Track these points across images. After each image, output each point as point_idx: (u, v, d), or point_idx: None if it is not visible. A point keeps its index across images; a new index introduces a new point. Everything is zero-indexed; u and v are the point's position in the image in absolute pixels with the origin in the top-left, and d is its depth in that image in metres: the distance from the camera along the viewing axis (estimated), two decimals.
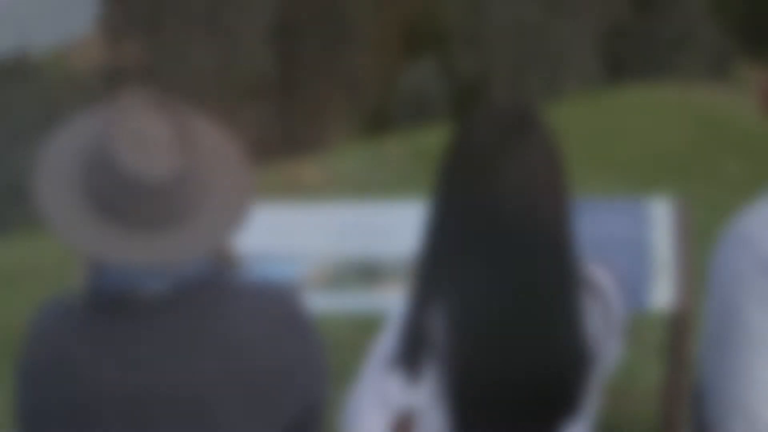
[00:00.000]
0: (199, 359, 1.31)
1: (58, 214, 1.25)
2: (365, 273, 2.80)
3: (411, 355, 1.44)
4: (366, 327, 5.04)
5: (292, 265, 2.81)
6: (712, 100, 15.05)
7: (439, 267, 1.45)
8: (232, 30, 34.71)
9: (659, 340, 4.51)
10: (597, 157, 9.71)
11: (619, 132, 11.59)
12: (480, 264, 1.38)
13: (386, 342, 1.53)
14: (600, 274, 1.56)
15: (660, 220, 2.85)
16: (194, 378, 1.31)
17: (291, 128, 34.77)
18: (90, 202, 1.24)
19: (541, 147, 1.37)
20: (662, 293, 2.83)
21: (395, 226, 2.79)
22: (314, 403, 1.48)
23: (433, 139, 13.37)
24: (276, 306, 1.41)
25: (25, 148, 31.86)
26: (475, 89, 39.90)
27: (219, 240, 1.28)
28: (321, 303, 2.82)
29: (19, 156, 31.58)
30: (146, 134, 1.20)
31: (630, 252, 2.83)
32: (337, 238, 2.82)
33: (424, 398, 1.48)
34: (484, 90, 40.02)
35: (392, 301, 2.76)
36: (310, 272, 2.81)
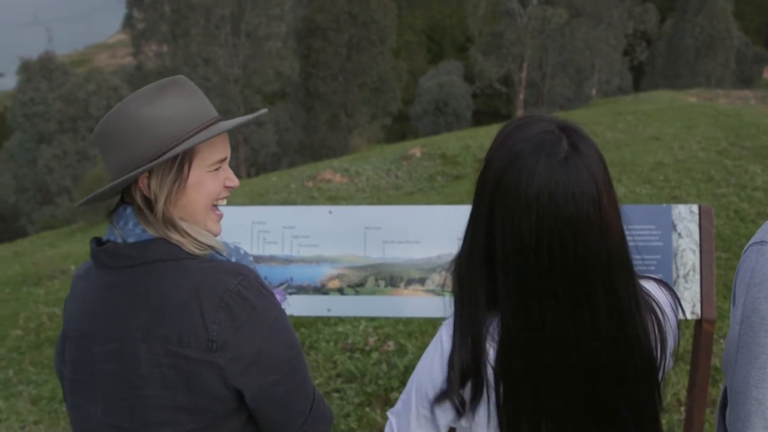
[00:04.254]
0: (128, 314, 1.43)
1: None
2: (386, 277, 2.80)
3: (462, 385, 1.37)
4: (385, 331, 5.06)
5: (313, 268, 2.82)
6: (739, 107, 14.94)
7: (495, 293, 1.36)
8: (256, 34, 34.88)
9: (683, 348, 4.48)
10: (622, 163, 9.67)
11: (644, 138, 11.54)
12: (555, 308, 1.31)
13: (432, 366, 1.43)
14: (653, 287, 1.49)
15: (685, 227, 2.82)
16: (122, 332, 1.42)
17: (314, 132, 34.89)
18: None
19: (598, 161, 1.31)
20: (686, 301, 2.81)
21: (417, 230, 2.79)
22: (258, 393, 1.45)
23: (455, 143, 13.38)
24: (218, 283, 1.42)
25: (52, 149, 32.25)
26: (498, 94, 39.81)
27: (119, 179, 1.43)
28: (342, 306, 2.82)
29: (46, 157, 31.95)
30: None
31: (654, 259, 2.81)
32: (358, 242, 2.83)
33: (476, 428, 1.40)
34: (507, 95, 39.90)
35: (411, 306, 2.77)
36: (332, 275, 2.82)
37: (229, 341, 1.38)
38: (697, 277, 2.81)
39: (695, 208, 2.83)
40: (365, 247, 2.83)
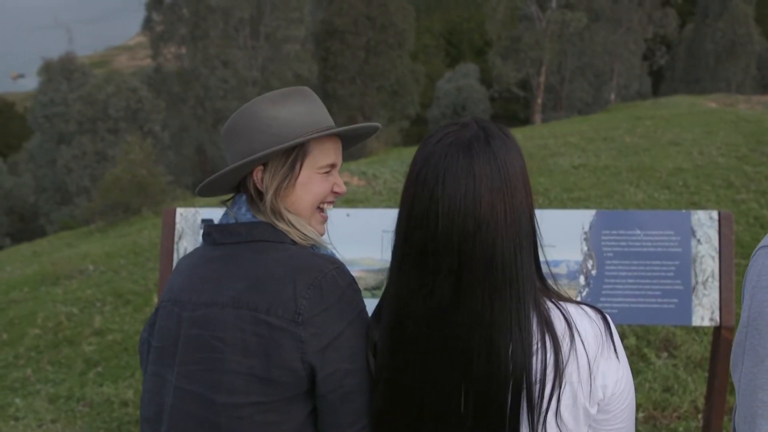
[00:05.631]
0: (224, 283, 1.52)
1: None
2: None
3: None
4: None
5: None
6: (759, 113, 14.80)
7: (389, 279, 1.46)
8: (274, 37, 34.99)
9: (702, 355, 4.45)
10: (641, 168, 9.62)
11: (663, 143, 11.47)
12: (406, 279, 1.38)
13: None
14: (579, 314, 1.41)
15: (704, 233, 2.80)
16: (214, 298, 1.52)
17: None
18: None
19: (489, 168, 1.32)
20: (705, 308, 2.79)
21: None
22: (330, 377, 1.46)
23: None
24: (315, 265, 1.51)
25: (71, 150, 32.50)
26: (515, 98, 39.72)
27: (237, 167, 1.60)
28: None
29: (66, 157, 32.20)
30: None
31: (673, 265, 2.79)
32: (375, 245, 2.83)
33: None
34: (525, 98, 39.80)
35: None
36: None
37: (315, 318, 1.45)
38: (716, 283, 2.79)
39: (715, 214, 2.81)
40: (382, 250, 2.83)
